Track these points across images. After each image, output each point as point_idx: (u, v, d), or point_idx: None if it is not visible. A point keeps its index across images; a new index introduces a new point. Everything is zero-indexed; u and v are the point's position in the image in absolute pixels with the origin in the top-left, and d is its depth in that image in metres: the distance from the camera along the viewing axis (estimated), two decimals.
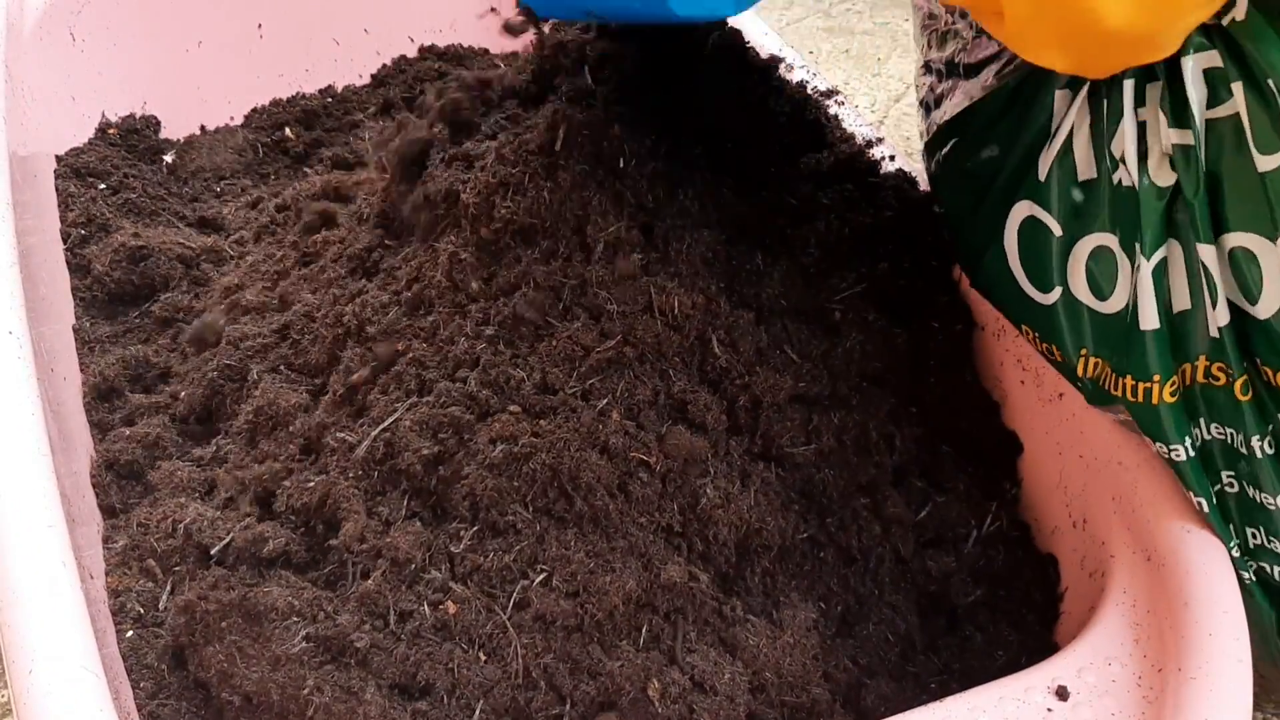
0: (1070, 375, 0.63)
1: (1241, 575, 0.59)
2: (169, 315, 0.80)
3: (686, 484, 0.59)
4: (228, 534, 0.60)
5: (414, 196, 0.70)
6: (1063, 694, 0.52)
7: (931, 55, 0.73)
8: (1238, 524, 0.59)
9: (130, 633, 0.58)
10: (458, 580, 0.56)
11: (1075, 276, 0.60)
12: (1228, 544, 0.58)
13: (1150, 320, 0.57)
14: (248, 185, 0.96)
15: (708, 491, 0.59)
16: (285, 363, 0.70)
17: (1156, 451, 0.59)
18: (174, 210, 0.91)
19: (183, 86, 1.01)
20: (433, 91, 0.77)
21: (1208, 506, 0.58)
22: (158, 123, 1.00)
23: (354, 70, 1.07)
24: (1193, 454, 0.58)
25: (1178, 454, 0.58)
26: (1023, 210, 0.62)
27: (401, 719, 0.52)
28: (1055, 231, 0.61)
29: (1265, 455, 0.57)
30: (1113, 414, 0.62)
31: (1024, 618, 0.62)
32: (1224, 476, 0.58)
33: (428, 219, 0.69)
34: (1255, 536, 0.59)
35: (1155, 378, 0.58)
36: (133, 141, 0.97)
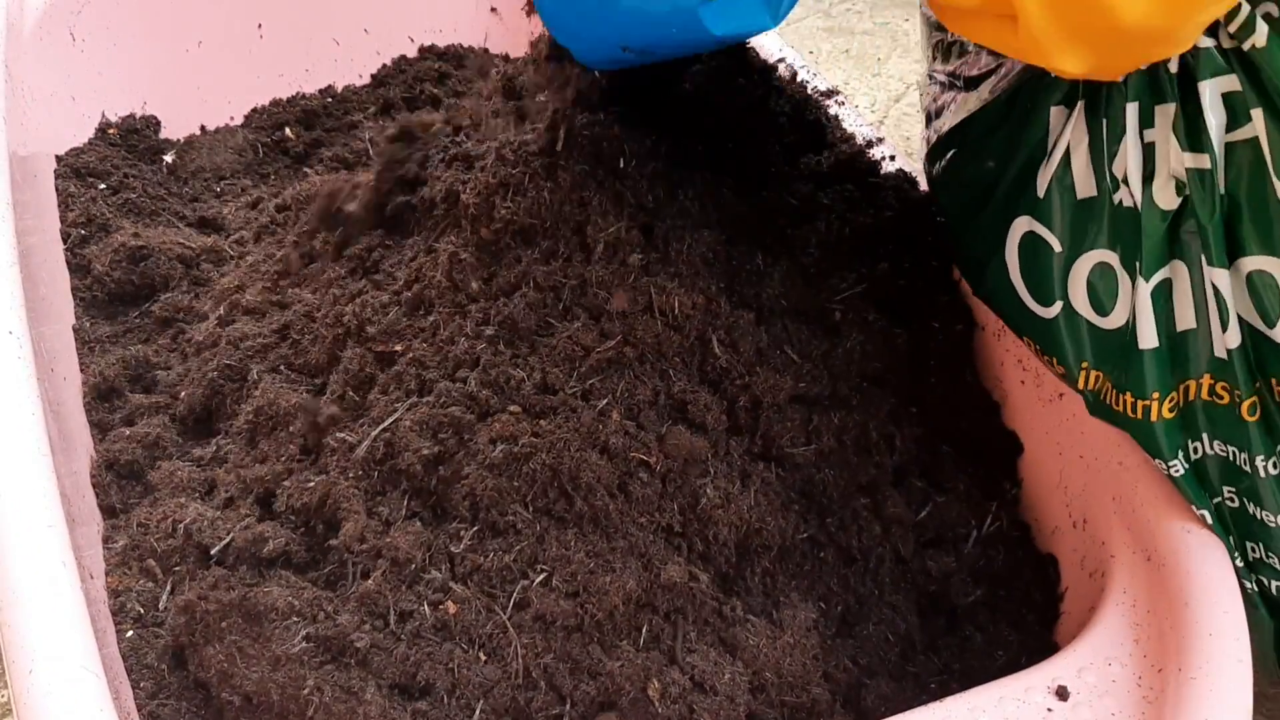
0: (1071, 386, 0.63)
1: (1244, 584, 0.59)
2: (169, 315, 0.80)
3: (686, 484, 0.59)
4: (228, 534, 0.60)
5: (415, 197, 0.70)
6: (1063, 694, 0.52)
7: (936, 67, 0.73)
8: (1237, 538, 0.59)
9: (130, 633, 0.58)
10: (458, 580, 0.56)
11: (1076, 292, 0.60)
12: (1230, 553, 0.58)
13: (1149, 339, 0.57)
14: (248, 185, 0.96)
15: (708, 491, 0.59)
16: (285, 363, 0.70)
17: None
18: (174, 210, 0.91)
19: (183, 86, 1.01)
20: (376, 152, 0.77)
21: (1211, 519, 0.58)
22: (158, 123, 1.00)
23: (354, 70, 1.07)
24: (1188, 468, 0.58)
25: (1175, 469, 0.58)
26: (1023, 225, 0.62)
27: (401, 719, 0.52)
28: (1055, 248, 0.61)
29: (1270, 475, 0.57)
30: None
31: (1024, 618, 0.62)
32: (1225, 491, 0.58)
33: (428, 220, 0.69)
34: (1254, 551, 0.59)
35: (1154, 395, 0.58)
36: (133, 141, 0.97)
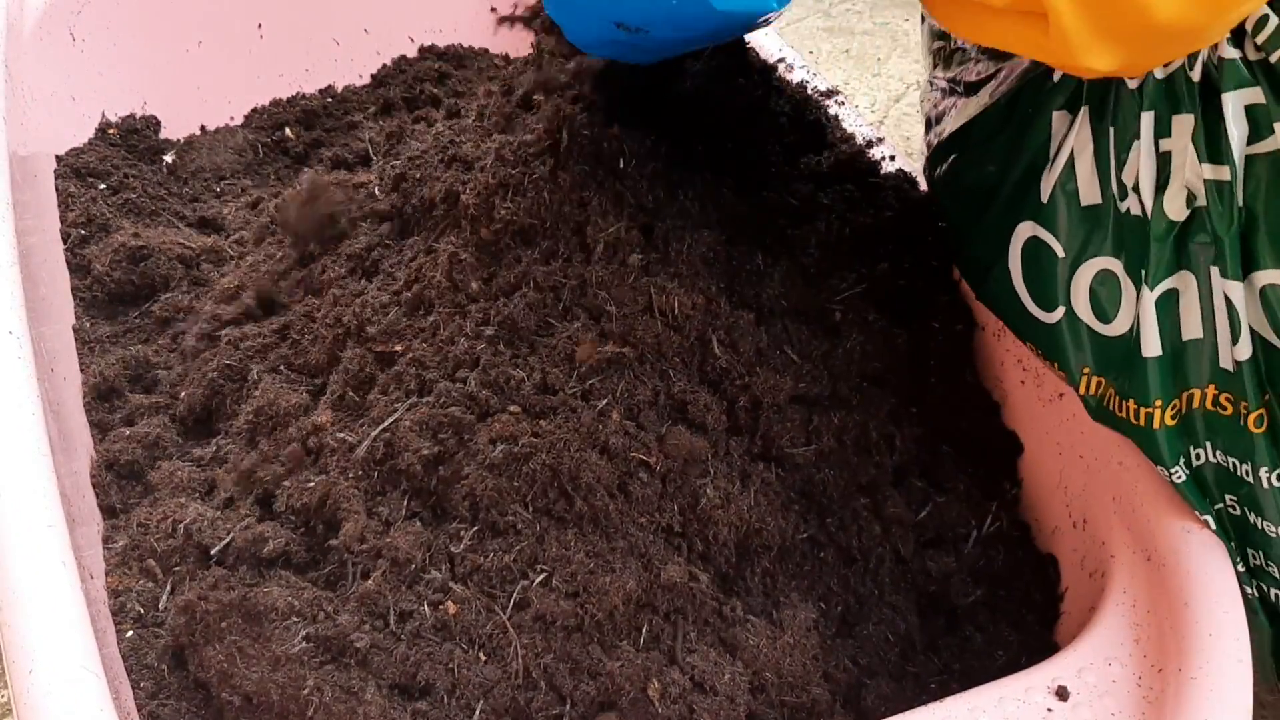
0: (1073, 390, 0.63)
1: (1244, 590, 0.59)
2: (169, 315, 0.80)
3: (686, 484, 0.59)
4: (228, 534, 0.60)
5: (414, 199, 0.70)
6: (1063, 694, 0.52)
7: (936, 74, 0.73)
8: (1238, 544, 0.59)
9: (130, 633, 0.58)
10: (458, 580, 0.56)
11: (1078, 298, 0.60)
12: (1234, 560, 0.58)
13: (1152, 347, 0.57)
14: (248, 185, 0.96)
15: (708, 492, 0.59)
16: (285, 363, 0.70)
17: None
18: (174, 210, 0.91)
19: (183, 86, 1.01)
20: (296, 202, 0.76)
21: (1213, 524, 0.58)
22: (158, 123, 1.00)
23: (354, 70, 1.07)
24: (1188, 475, 0.58)
25: (1176, 476, 0.58)
26: (1026, 230, 0.62)
27: (401, 719, 0.52)
28: (1058, 253, 0.61)
29: (1273, 487, 0.56)
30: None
31: (1024, 618, 0.62)
32: (1226, 499, 0.58)
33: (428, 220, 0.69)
34: (1255, 557, 0.59)
35: (1156, 403, 0.58)
36: (133, 141, 0.97)
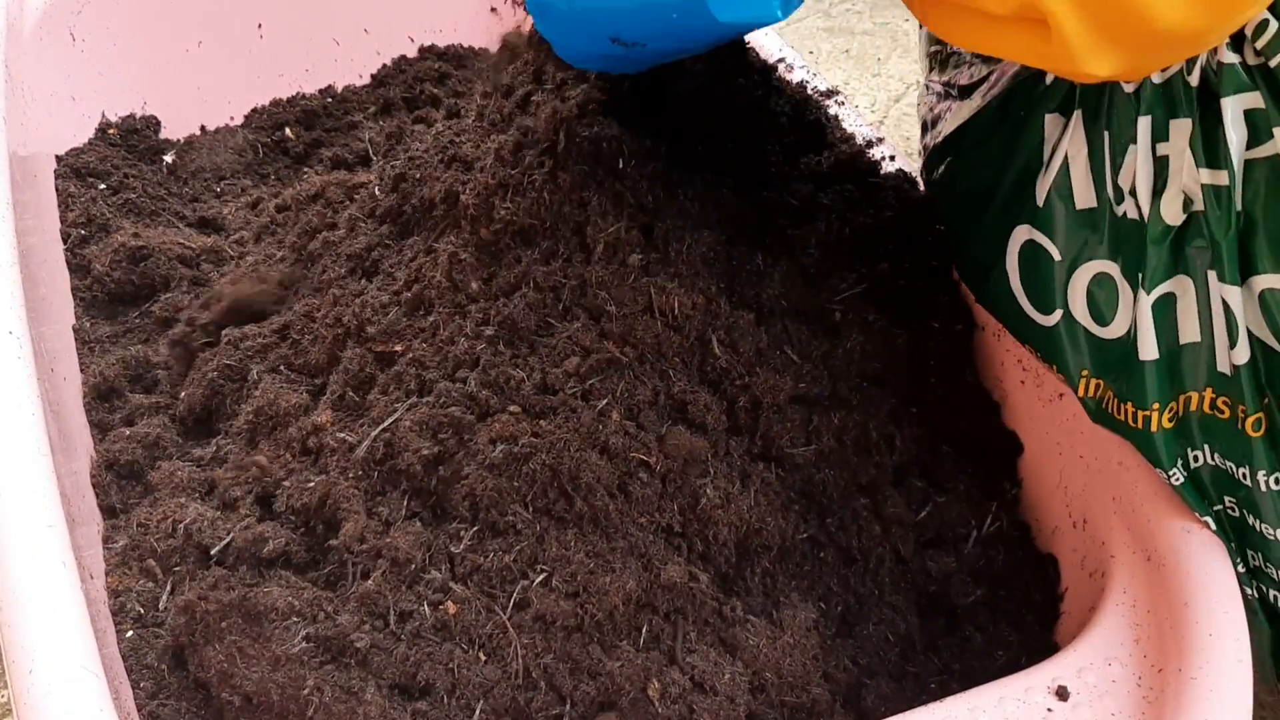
0: (1072, 393, 0.63)
1: (1245, 591, 0.59)
2: (169, 315, 0.80)
3: (686, 484, 0.59)
4: (228, 534, 0.60)
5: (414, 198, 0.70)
6: (1063, 694, 0.52)
7: (932, 78, 0.74)
8: (1238, 545, 0.59)
9: (130, 633, 0.58)
10: (458, 580, 0.56)
11: (1076, 301, 0.60)
12: (1234, 561, 0.58)
13: (1149, 351, 0.57)
14: (248, 185, 0.96)
15: (708, 492, 0.59)
16: (285, 363, 0.70)
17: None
18: (174, 210, 0.91)
19: (183, 86, 1.01)
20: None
21: (1213, 525, 0.58)
22: (158, 123, 1.00)
23: (354, 70, 1.07)
24: (1186, 477, 0.58)
25: (1174, 478, 0.58)
26: (1023, 234, 0.62)
27: (401, 719, 0.52)
28: (1055, 256, 0.61)
29: (1271, 490, 0.56)
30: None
31: (1024, 618, 0.62)
32: (1225, 501, 0.58)
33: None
34: (1254, 559, 0.59)
35: (1154, 406, 0.58)
36: (133, 141, 0.97)
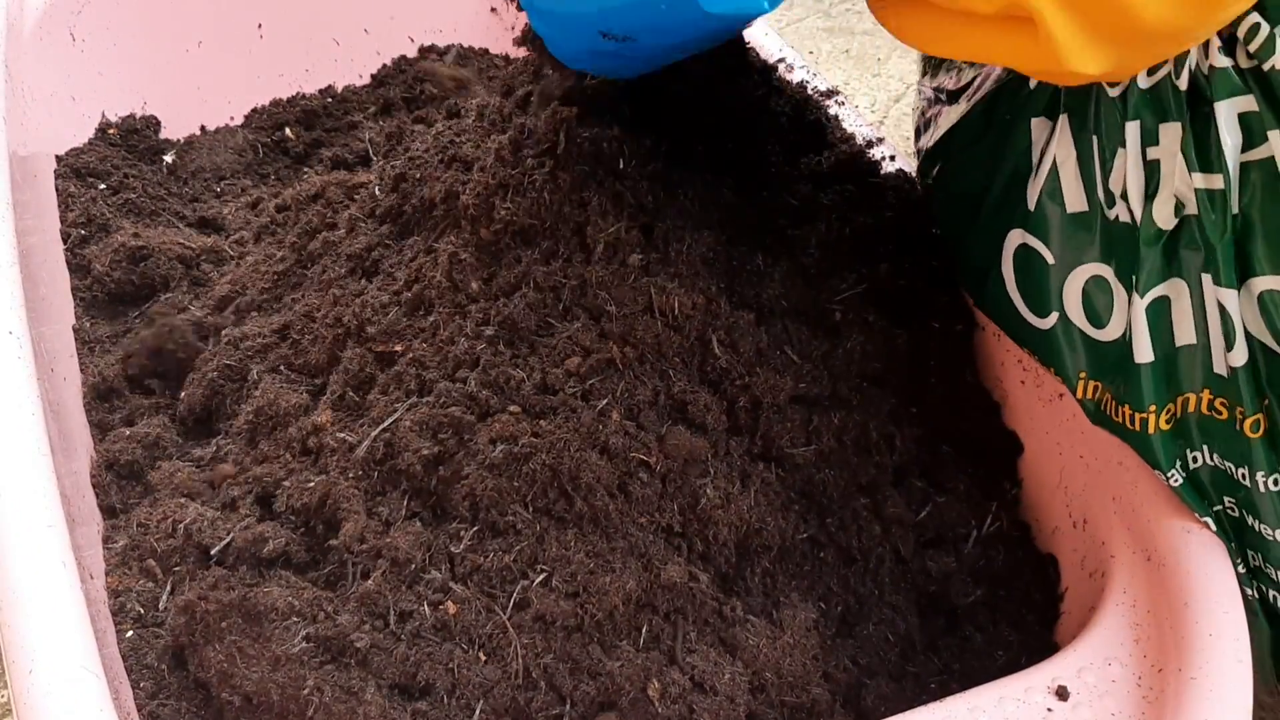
0: (1071, 394, 0.63)
1: (1245, 592, 0.59)
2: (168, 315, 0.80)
3: (686, 484, 0.59)
4: (228, 534, 0.60)
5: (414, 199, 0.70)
6: (1063, 694, 0.52)
7: (924, 83, 0.74)
8: (1238, 545, 0.59)
9: (130, 633, 0.58)
10: (458, 580, 0.56)
11: (1071, 304, 0.60)
12: (1233, 562, 0.58)
13: (1145, 354, 0.57)
14: (248, 185, 0.96)
15: (708, 492, 0.59)
16: (285, 363, 0.70)
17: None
18: (174, 210, 0.91)
19: (183, 86, 1.01)
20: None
21: (1213, 526, 0.58)
22: (158, 123, 1.00)
23: (354, 70, 1.07)
24: (1185, 478, 0.58)
25: (1173, 479, 0.58)
26: (1016, 238, 0.63)
27: (401, 719, 0.52)
28: (1048, 260, 0.61)
29: (1270, 491, 0.56)
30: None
31: (1024, 618, 0.62)
32: (1225, 501, 0.58)
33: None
34: (1254, 559, 0.59)
35: (1151, 408, 0.58)
36: (133, 141, 0.97)
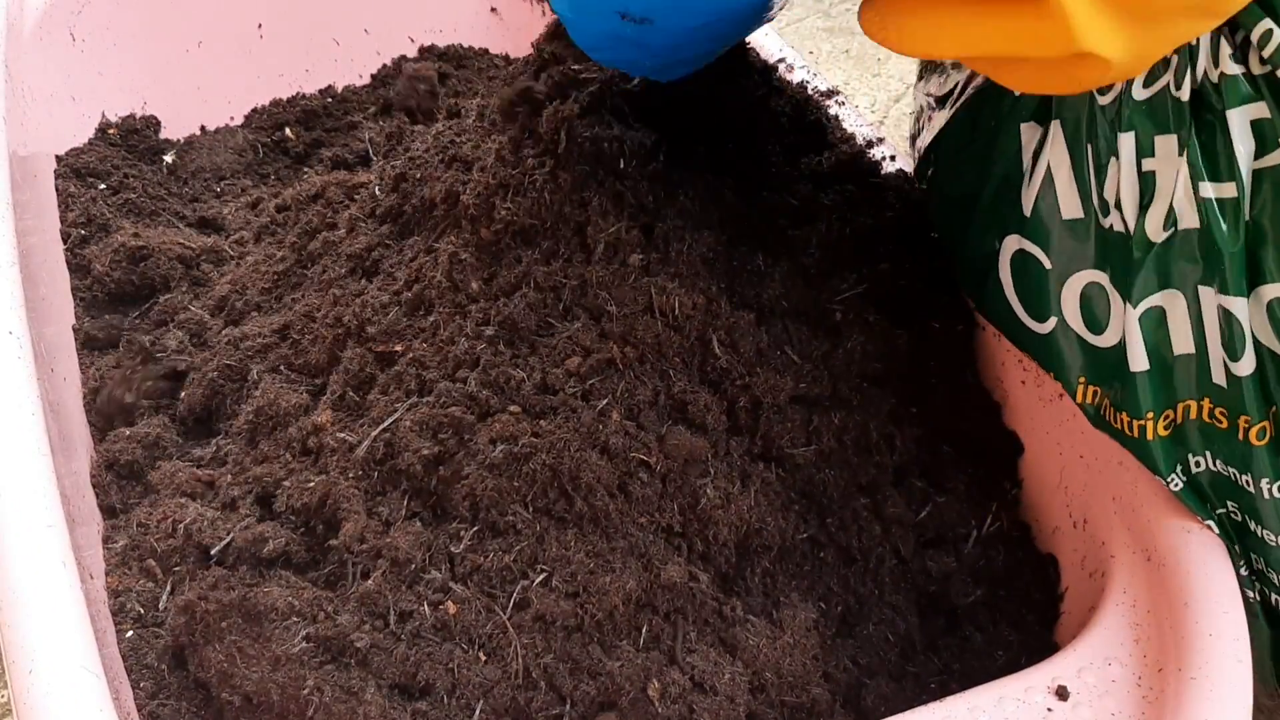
0: (1071, 398, 0.63)
1: (1246, 594, 0.59)
2: (169, 316, 0.80)
3: (686, 484, 0.59)
4: (228, 534, 0.60)
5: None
6: (1063, 694, 0.52)
7: (919, 87, 0.74)
8: (1241, 549, 0.59)
9: (130, 633, 0.58)
10: (458, 580, 0.56)
11: (1069, 309, 0.60)
12: (1236, 564, 0.58)
13: (1140, 362, 0.57)
14: (248, 185, 0.96)
15: (708, 492, 0.59)
16: (285, 363, 0.70)
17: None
18: (174, 210, 0.91)
19: (183, 86, 1.01)
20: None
21: (1216, 529, 0.57)
22: (158, 123, 1.00)
23: (354, 70, 1.07)
24: (1185, 483, 0.58)
25: (1174, 484, 0.58)
26: (1013, 244, 0.63)
27: (401, 719, 0.52)
28: (1046, 265, 0.61)
29: (1274, 498, 0.56)
30: None
31: (1024, 618, 0.62)
32: (1228, 505, 0.58)
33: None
34: (1257, 562, 0.59)
35: (1148, 415, 0.58)
36: (133, 141, 0.97)
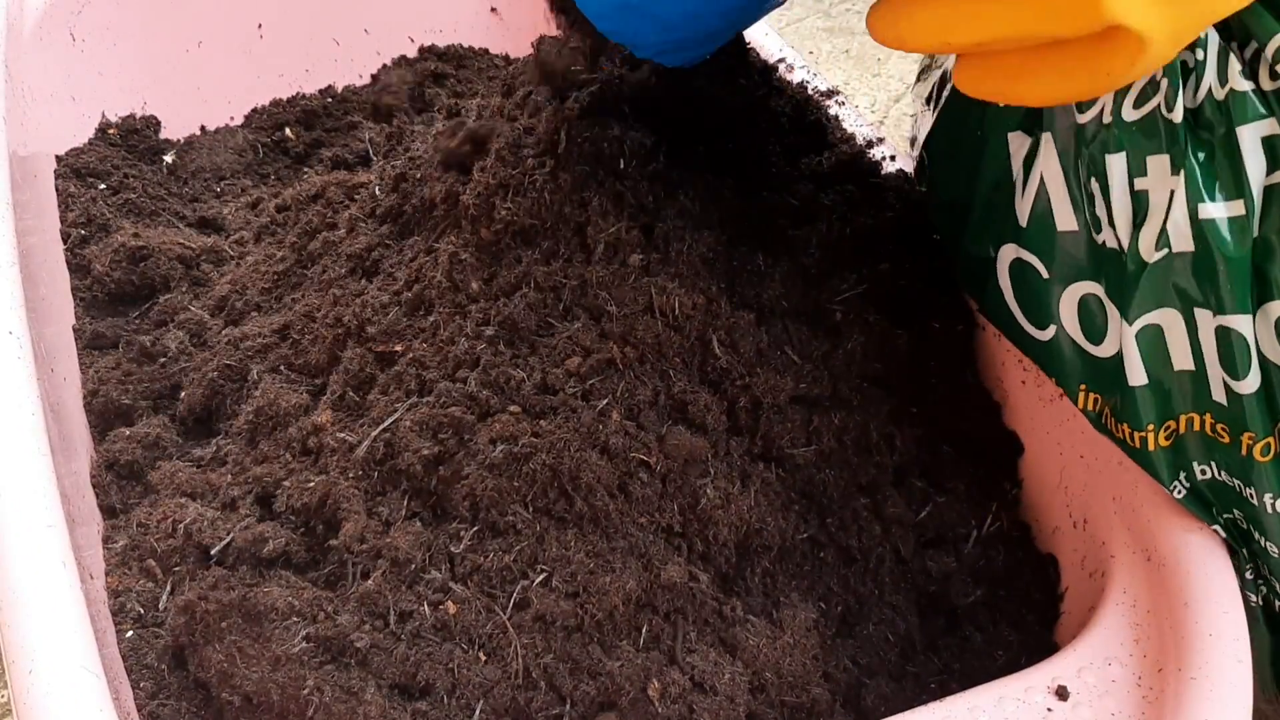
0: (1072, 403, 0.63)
1: (1249, 597, 0.59)
2: (168, 316, 0.80)
3: (686, 484, 0.59)
4: (228, 534, 0.60)
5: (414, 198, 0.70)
6: (1063, 694, 0.52)
7: (917, 90, 0.74)
8: (1246, 554, 0.59)
9: (130, 633, 0.58)
10: (458, 580, 0.56)
11: (1068, 318, 0.60)
12: (1241, 568, 0.57)
13: (1138, 377, 0.57)
14: (248, 185, 0.96)
15: (708, 492, 0.59)
16: (285, 363, 0.70)
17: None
18: (174, 210, 0.91)
19: (183, 86, 1.01)
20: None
21: (1222, 533, 0.57)
22: (158, 123, 1.00)
23: (354, 70, 1.07)
24: (1188, 490, 0.58)
25: (1176, 491, 0.58)
26: (1010, 252, 0.63)
27: (401, 719, 0.52)
28: (1044, 274, 0.61)
29: (1278, 513, 0.56)
30: None
31: (1024, 618, 0.62)
32: (1235, 512, 0.58)
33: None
34: (1262, 567, 0.59)
35: (1149, 427, 0.58)
36: (133, 141, 0.97)
